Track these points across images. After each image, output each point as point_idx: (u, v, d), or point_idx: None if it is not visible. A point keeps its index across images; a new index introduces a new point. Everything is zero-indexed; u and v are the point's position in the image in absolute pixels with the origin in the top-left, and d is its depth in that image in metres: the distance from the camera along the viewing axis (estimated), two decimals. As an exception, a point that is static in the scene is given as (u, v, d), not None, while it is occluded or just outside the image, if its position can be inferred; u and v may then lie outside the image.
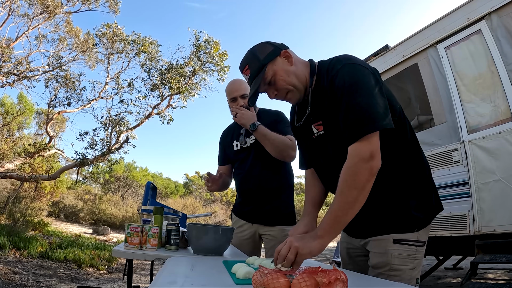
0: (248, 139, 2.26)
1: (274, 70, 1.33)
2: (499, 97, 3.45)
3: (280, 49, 1.35)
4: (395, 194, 1.32)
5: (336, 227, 1.14)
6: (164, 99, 10.74)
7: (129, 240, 1.71)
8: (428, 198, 1.36)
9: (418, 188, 1.34)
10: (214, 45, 10.25)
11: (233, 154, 2.34)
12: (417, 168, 1.35)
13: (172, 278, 1.02)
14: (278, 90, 1.35)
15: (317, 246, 1.12)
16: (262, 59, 1.33)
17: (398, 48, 4.67)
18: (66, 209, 14.75)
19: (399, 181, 1.32)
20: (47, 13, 9.60)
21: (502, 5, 3.45)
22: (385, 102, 1.18)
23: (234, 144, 2.33)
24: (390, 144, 1.26)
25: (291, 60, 1.35)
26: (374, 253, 1.36)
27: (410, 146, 1.34)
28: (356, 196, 1.11)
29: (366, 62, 1.35)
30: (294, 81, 1.33)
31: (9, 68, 8.88)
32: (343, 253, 1.61)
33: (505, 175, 3.26)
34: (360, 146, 1.13)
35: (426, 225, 1.33)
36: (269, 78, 1.34)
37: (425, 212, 1.33)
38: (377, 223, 1.35)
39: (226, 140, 2.42)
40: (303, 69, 1.36)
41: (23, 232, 7.07)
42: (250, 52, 1.39)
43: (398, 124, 1.28)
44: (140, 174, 19.73)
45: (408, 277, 1.29)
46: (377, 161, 1.13)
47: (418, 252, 1.31)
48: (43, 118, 11.90)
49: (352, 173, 1.12)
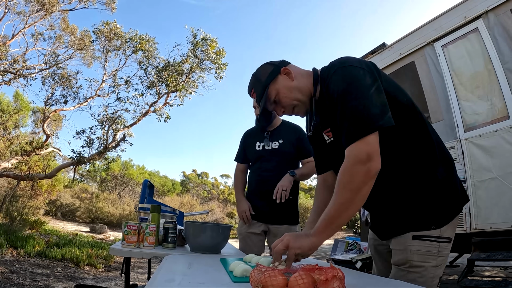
0: (272, 143, 2.51)
1: (276, 89, 1.37)
2: (495, 95, 3.47)
3: (280, 67, 1.39)
4: (411, 191, 1.28)
5: (330, 228, 1.13)
6: (161, 97, 10.71)
7: (127, 238, 1.71)
8: (448, 192, 1.29)
9: (436, 183, 1.28)
10: (211, 42, 10.22)
11: (254, 153, 2.57)
12: (433, 163, 1.29)
13: (170, 276, 1.02)
14: (284, 107, 1.40)
15: (308, 244, 1.12)
16: (264, 81, 1.40)
17: (395, 46, 4.68)
18: (63, 207, 14.72)
19: (414, 178, 1.28)
20: (43, 11, 9.55)
21: (499, 3, 3.46)
22: (382, 100, 1.15)
23: (257, 144, 2.57)
24: (398, 140, 1.24)
25: (292, 75, 1.37)
26: (395, 250, 1.33)
27: (422, 139, 1.29)
28: (351, 198, 1.10)
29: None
30: (297, 95, 1.36)
31: (5, 66, 8.83)
32: (372, 251, 1.60)
33: (502, 173, 3.27)
34: (357, 147, 1.11)
35: (449, 221, 1.27)
36: (273, 97, 1.39)
37: (445, 208, 1.27)
38: (397, 223, 1.32)
39: (249, 140, 2.65)
40: (305, 81, 1.38)
41: (20, 231, 7.04)
42: (253, 76, 1.46)
43: (407, 118, 1.26)
44: (137, 172, 19.70)
45: (431, 275, 1.24)
46: (375, 163, 1.10)
47: (442, 249, 1.25)
48: (39, 117, 11.83)
49: (348, 175, 1.11)
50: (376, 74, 1.22)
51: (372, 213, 1.50)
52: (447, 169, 1.32)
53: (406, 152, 1.27)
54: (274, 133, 2.56)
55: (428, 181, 1.27)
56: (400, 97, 1.26)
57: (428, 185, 1.27)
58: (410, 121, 1.27)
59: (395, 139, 1.24)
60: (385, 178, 1.22)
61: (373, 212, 1.47)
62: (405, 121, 1.24)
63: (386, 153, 1.17)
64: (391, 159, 1.23)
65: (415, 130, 1.28)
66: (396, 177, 1.27)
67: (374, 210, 1.45)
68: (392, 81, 1.30)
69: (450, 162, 1.35)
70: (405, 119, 1.25)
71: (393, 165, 1.25)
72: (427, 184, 1.27)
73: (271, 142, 2.52)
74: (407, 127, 1.26)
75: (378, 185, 1.15)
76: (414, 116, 1.29)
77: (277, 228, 2.44)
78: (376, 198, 1.30)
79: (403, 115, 1.25)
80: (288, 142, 2.50)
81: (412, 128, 1.28)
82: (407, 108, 1.27)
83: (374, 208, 1.44)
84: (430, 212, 1.26)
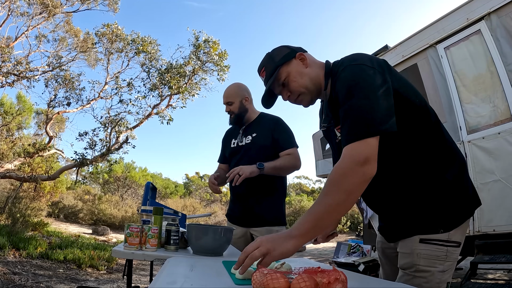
0: (245, 139, 2.36)
1: (287, 71, 1.35)
2: (498, 97, 3.46)
3: (296, 52, 1.37)
4: (418, 193, 1.25)
5: (315, 229, 1.05)
6: (164, 99, 10.73)
7: (129, 240, 1.71)
8: (458, 194, 1.25)
9: (445, 185, 1.24)
10: (213, 44, 10.24)
11: (230, 152, 2.44)
12: (444, 164, 1.25)
13: (172, 279, 1.02)
14: (291, 91, 1.37)
15: (290, 248, 1.02)
16: (277, 61, 1.36)
17: (397, 48, 4.68)
18: (66, 209, 14.74)
19: (422, 180, 1.24)
20: (46, 13, 9.60)
21: (501, 5, 3.45)
22: (389, 103, 1.11)
23: (232, 141, 2.45)
24: (408, 141, 1.22)
25: (306, 62, 1.36)
26: (402, 253, 1.30)
27: (434, 140, 1.26)
28: (343, 199, 1.04)
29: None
30: (307, 83, 1.34)
31: (8, 68, 8.88)
32: (380, 254, 1.57)
33: (505, 175, 3.26)
34: (356, 148, 1.06)
35: (458, 224, 1.23)
36: (283, 80, 1.36)
37: (455, 210, 1.23)
38: (404, 225, 1.29)
39: (228, 139, 2.52)
40: (318, 72, 1.36)
41: (23, 232, 7.06)
42: (267, 55, 1.43)
43: (419, 119, 1.23)
44: (139, 174, 19.71)
45: (437, 280, 1.20)
46: (371, 168, 1.05)
47: (450, 253, 1.21)
48: (42, 118, 11.88)
49: (343, 175, 1.05)
50: (388, 74, 1.19)
51: (380, 215, 1.48)
52: (458, 171, 1.28)
53: (416, 153, 1.25)
54: (248, 128, 2.40)
55: (437, 183, 1.24)
56: (412, 97, 1.23)
57: (437, 187, 1.24)
58: (422, 121, 1.24)
59: (406, 140, 1.22)
60: (394, 179, 1.21)
61: (382, 213, 1.45)
62: (416, 121, 1.22)
63: (396, 154, 1.16)
64: (400, 160, 1.21)
65: (427, 131, 1.25)
66: (406, 178, 1.26)
67: (383, 211, 1.43)
68: (404, 80, 1.27)
69: (462, 164, 1.31)
70: (417, 120, 1.23)
71: (403, 166, 1.23)
72: (436, 186, 1.24)
73: (244, 137, 2.37)
74: (419, 128, 1.23)
75: (387, 186, 1.13)
76: (426, 117, 1.26)
77: (257, 231, 2.24)
78: (384, 199, 1.29)
79: (415, 115, 1.22)
80: (262, 134, 2.30)
81: (424, 129, 1.25)
82: (419, 109, 1.24)
83: (383, 210, 1.42)
84: (439, 215, 1.22)
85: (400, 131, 1.13)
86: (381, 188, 1.10)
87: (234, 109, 2.36)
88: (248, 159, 2.22)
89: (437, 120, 1.29)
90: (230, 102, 2.36)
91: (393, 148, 1.14)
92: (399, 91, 1.19)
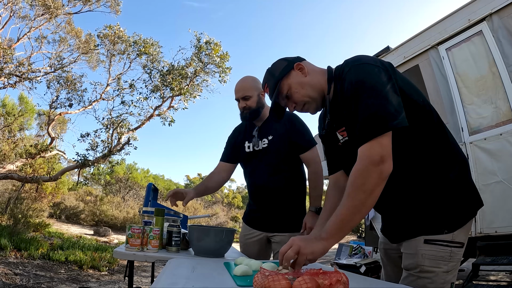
0: (261, 142, 2.21)
1: (288, 84, 1.38)
2: (500, 99, 3.45)
3: (294, 63, 1.40)
4: (422, 194, 1.26)
5: (341, 231, 1.11)
6: (166, 100, 10.73)
7: (130, 241, 1.71)
8: (462, 195, 1.26)
9: (449, 185, 1.25)
10: (215, 46, 10.24)
11: (245, 156, 2.30)
12: (447, 164, 1.26)
13: (173, 280, 1.02)
14: (296, 102, 1.40)
15: (320, 248, 1.10)
16: (277, 76, 1.40)
17: (399, 49, 4.68)
18: (67, 210, 14.75)
19: (425, 180, 1.25)
20: (48, 14, 9.62)
21: (503, 6, 3.45)
22: (397, 99, 1.14)
23: (246, 145, 2.29)
24: (412, 141, 1.23)
25: (305, 71, 1.38)
26: (406, 254, 1.31)
27: (437, 140, 1.27)
28: (364, 200, 1.09)
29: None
30: (309, 92, 1.37)
31: (10, 69, 8.89)
32: (382, 255, 1.58)
33: (507, 177, 3.25)
34: (371, 148, 1.10)
35: (461, 225, 1.24)
36: (285, 93, 1.40)
37: (459, 211, 1.24)
38: (408, 226, 1.30)
39: (238, 138, 2.37)
40: (319, 78, 1.38)
41: (24, 233, 7.07)
42: (267, 71, 1.47)
43: (423, 118, 1.24)
44: (141, 175, 19.74)
45: (442, 281, 1.21)
46: (388, 165, 1.09)
47: (454, 254, 1.22)
48: (44, 119, 11.90)
49: (361, 176, 1.09)
50: (391, 72, 1.21)
51: (383, 216, 1.48)
52: (461, 172, 1.29)
53: (420, 153, 1.25)
54: (263, 129, 2.23)
55: (441, 183, 1.25)
56: (415, 97, 1.25)
57: (441, 187, 1.25)
58: (425, 121, 1.25)
59: (410, 140, 1.22)
60: (398, 179, 1.21)
61: (385, 214, 1.46)
62: (420, 121, 1.23)
63: (400, 154, 1.16)
64: (404, 160, 1.22)
65: (430, 131, 1.26)
66: (409, 178, 1.26)
67: (386, 212, 1.44)
68: (408, 80, 1.28)
69: (464, 165, 1.32)
70: (420, 120, 1.23)
71: (407, 166, 1.24)
72: (440, 186, 1.25)
73: (260, 140, 2.20)
74: (422, 127, 1.24)
75: (390, 186, 1.14)
76: (429, 117, 1.27)
77: (279, 236, 2.15)
78: (388, 200, 1.29)
79: (419, 115, 1.23)
80: (279, 137, 2.16)
81: (427, 129, 1.26)
82: (422, 109, 1.25)
83: (386, 210, 1.43)
84: (443, 215, 1.24)
85: (405, 130, 1.14)
86: (386, 189, 1.11)
87: (251, 103, 2.16)
88: (266, 164, 2.17)
89: (440, 121, 1.30)
90: (247, 96, 2.16)
91: (398, 148, 1.15)
92: (403, 89, 1.20)
